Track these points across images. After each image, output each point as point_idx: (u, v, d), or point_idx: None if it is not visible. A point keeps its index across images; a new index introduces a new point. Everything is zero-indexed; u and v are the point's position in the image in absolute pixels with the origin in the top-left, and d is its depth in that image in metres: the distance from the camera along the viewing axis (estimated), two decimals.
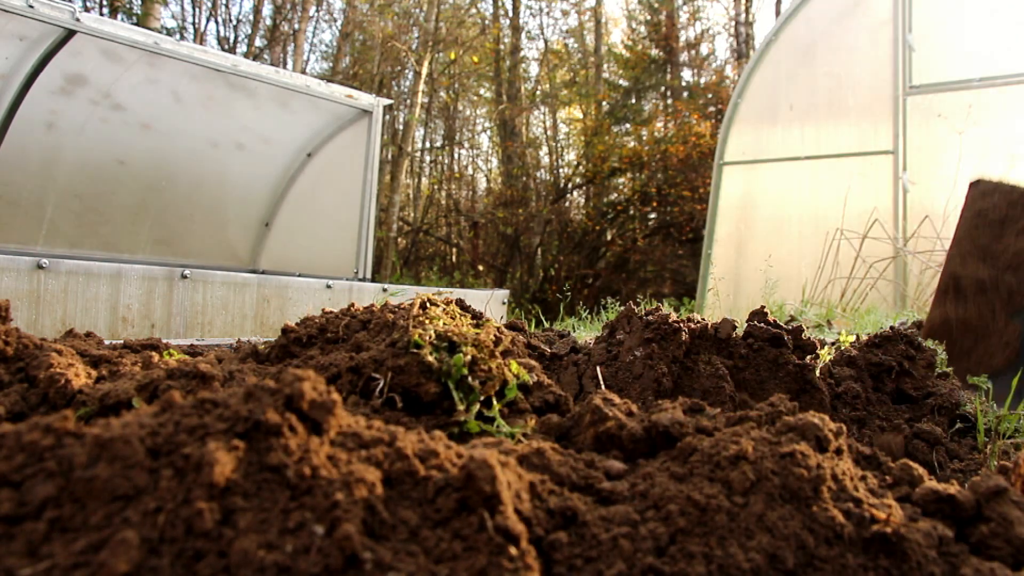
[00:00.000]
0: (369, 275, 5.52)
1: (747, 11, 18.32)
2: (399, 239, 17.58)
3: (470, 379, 1.00)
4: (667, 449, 0.76)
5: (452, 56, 18.55)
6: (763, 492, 0.65)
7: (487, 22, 19.82)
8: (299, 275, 5.22)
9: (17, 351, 1.17)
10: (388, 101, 6.07)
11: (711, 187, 7.44)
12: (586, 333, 3.55)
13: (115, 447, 0.53)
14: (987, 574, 0.62)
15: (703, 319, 1.42)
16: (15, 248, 5.16)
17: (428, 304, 1.23)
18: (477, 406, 0.98)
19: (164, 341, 1.73)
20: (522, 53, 20.18)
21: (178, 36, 15.40)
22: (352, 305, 1.47)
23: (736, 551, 0.60)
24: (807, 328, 3.52)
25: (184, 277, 3.52)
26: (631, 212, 16.71)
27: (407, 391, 0.98)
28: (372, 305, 1.44)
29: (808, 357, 1.45)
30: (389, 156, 16.84)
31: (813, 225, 6.67)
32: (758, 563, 0.59)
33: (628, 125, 17.97)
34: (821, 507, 0.65)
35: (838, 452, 0.75)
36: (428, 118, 19.50)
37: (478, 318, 1.50)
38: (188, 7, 16.65)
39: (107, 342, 1.67)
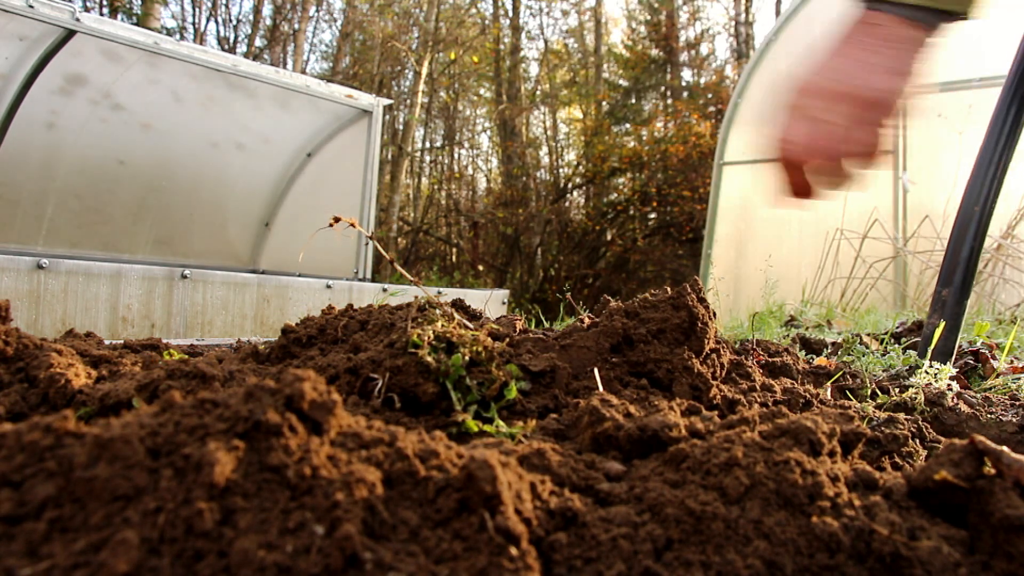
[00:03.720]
0: (369, 275, 5.52)
1: (747, 11, 18.34)
2: (399, 239, 17.58)
3: (468, 379, 1.00)
4: (659, 451, 0.76)
5: (452, 56, 18.56)
6: (759, 497, 0.65)
7: (487, 22, 19.82)
8: (299, 275, 5.22)
9: (17, 351, 1.17)
10: (388, 101, 6.07)
11: (711, 187, 7.44)
12: None
13: (115, 447, 0.53)
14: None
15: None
16: (15, 248, 5.16)
17: (427, 305, 1.23)
18: (475, 406, 0.98)
19: (164, 341, 1.73)
20: (522, 53, 20.19)
21: (178, 36, 15.40)
22: (350, 305, 1.47)
23: (734, 557, 0.60)
24: (807, 328, 3.51)
25: (184, 277, 3.52)
26: (631, 212, 16.72)
27: (405, 391, 0.98)
28: (371, 305, 1.44)
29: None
30: (389, 156, 16.85)
31: (813, 225, 6.67)
32: (757, 569, 0.59)
33: (628, 125, 17.99)
34: (819, 516, 0.65)
35: (831, 455, 0.75)
36: (428, 118, 19.50)
37: (477, 318, 1.50)
38: (188, 7, 16.67)
39: (107, 342, 1.67)
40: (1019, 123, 1.72)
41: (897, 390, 1.51)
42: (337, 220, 1.10)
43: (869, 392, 1.51)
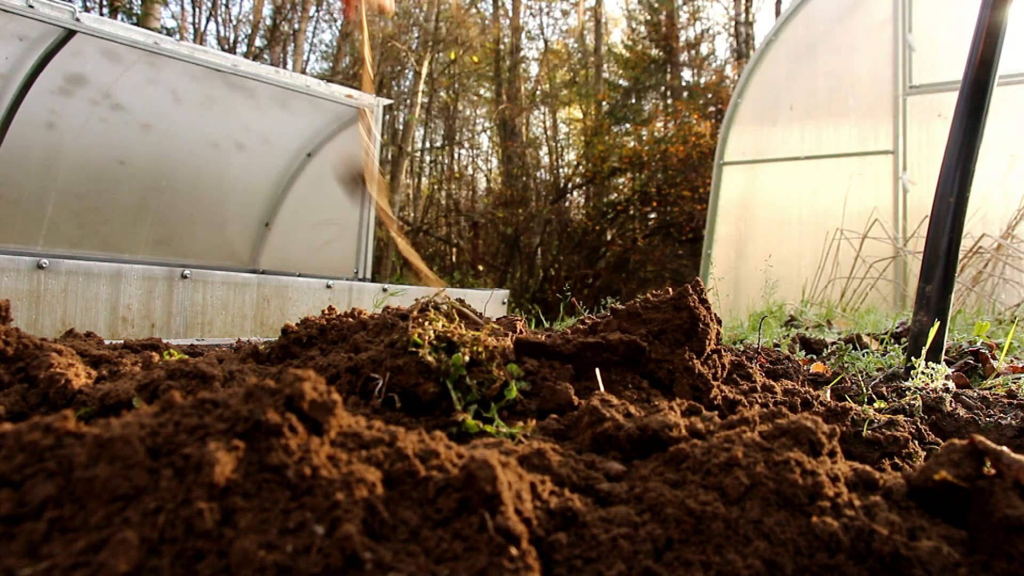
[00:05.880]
0: (369, 275, 5.52)
1: (747, 11, 18.33)
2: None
3: (468, 379, 0.99)
4: (659, 451, 0.76)
5: (452, 56, 18.55)
6: (759, 497, 0.64)
7: (487, 22, 19.81)
8: (299, 275, 5.22)
9: (17, 351, 1.17)
10: (388, 101, 6.07)
11: (711, 187, 7.44)
12: None
13: (115, 447, 0.53)
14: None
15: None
16: (15, 248, 5.16)
17: (428, 306, 1.23)
18: (475, 406, 0.98)
19: (164, 341, 1.73)
20: (522, 53, 20.19)
21: (178, 36, 15.41)
22: (351, 307, 1.47)
23: (734, 557, 0.60)
24: (807, 328, 3.51)
25: (184, 277, 3.52)
26: (631, 212, 16.71)
27: (406, 391, 0.98)
28: (370, 312, 1.44)
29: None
30: (389, 156, 16.84)
31: (813, 225, 6.67)
32: (757, 569, 0.59)
33: (628, 125, 17.97)
34: (819, 516, 0.65)
35: (831, 455, 0.75)
36: (428, 118, 19.49)
37: (477, 319, 1.50)
38: (188, 7, 16.67)
39: (107, 342, 1.67)
40: (977, 118, 1.81)
41: (895, 395, 1.51)
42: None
43: (866, 398, 1.51)
